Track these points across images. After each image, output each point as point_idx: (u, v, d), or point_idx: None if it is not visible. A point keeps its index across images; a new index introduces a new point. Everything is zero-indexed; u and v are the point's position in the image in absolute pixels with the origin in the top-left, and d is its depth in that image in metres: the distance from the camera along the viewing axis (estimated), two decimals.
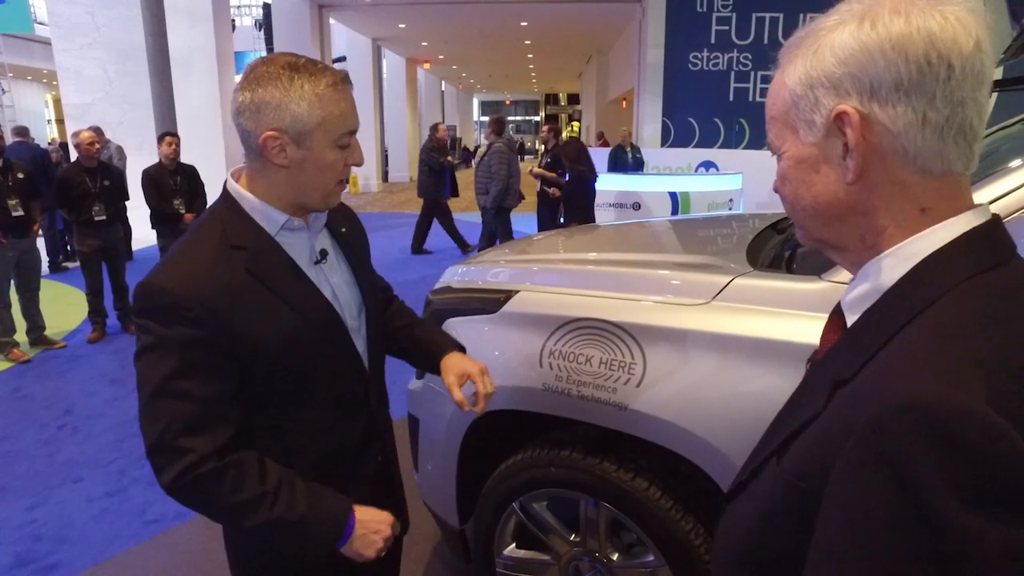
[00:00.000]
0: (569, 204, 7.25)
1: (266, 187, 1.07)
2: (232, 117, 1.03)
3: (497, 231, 7.34)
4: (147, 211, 5.39)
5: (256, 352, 1.03)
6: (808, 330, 1.37)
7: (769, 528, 0.63)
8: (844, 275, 1.39)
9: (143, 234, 7.52)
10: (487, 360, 1.79)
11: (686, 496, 1.58)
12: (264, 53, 14.18)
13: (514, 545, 1.91)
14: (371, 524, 1.10)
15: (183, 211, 5.41)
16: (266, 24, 13.13)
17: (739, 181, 8.90)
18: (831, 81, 0.60)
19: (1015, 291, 0.57)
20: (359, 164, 1.10)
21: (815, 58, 0.61)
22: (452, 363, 1.33)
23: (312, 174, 1.04)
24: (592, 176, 7.30)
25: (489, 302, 1.86)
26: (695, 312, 1.52)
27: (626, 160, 9.78)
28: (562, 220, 7.44)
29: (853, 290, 0.67)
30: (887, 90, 0.58)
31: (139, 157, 8.32)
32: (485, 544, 1.92)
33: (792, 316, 1.41)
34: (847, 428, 0.53)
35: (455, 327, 1.92)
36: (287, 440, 1.11)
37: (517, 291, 1.83)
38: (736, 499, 0.72)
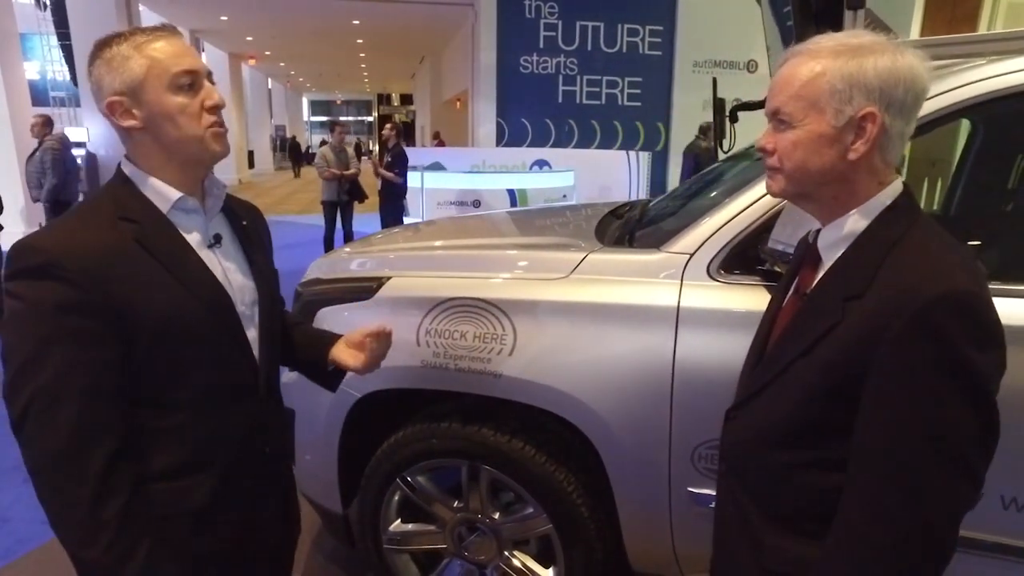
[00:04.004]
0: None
1: (146, 160, 1.06)
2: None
3: None
4: None
5: (138, 324, 0.99)
6: (653, 293, 1.62)
7: (813, 407, 0.91)
8: (678, 246, 1.65)
9: None
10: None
11: (556, 450, 1.77)
12: (53, 36, 12.58)
13: (399, 520, 1.99)
14: None
15: None
16: (55, 4, 11.64)
17: (571, 178, 9.52)
18: (867, 88, 0.86)
19: (938, 226, 0.92)
20: (220, 105, 1.06)
21: (859, 67, 0.87)
22: (340, 346, 1.36)
23: (167, 126, 1.02)
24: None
25: (362, 290, 1.93)
26: (556, 285, 1.71)
27: None
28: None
29: (828, 237, 0.96)
30: (896, 108, 0.87)
31: None
32: (371, 524, 1.98)
33: (639, 283, 1.65)
34: (888, 319, 0.82)
35: (328, 316, 1.96)
36: (163, 418, 1.06)
37: (389, 277, 1.91)
38: (749, 405, 1.02)
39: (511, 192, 8.95)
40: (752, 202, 1.59)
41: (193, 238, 1.10)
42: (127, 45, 1.00)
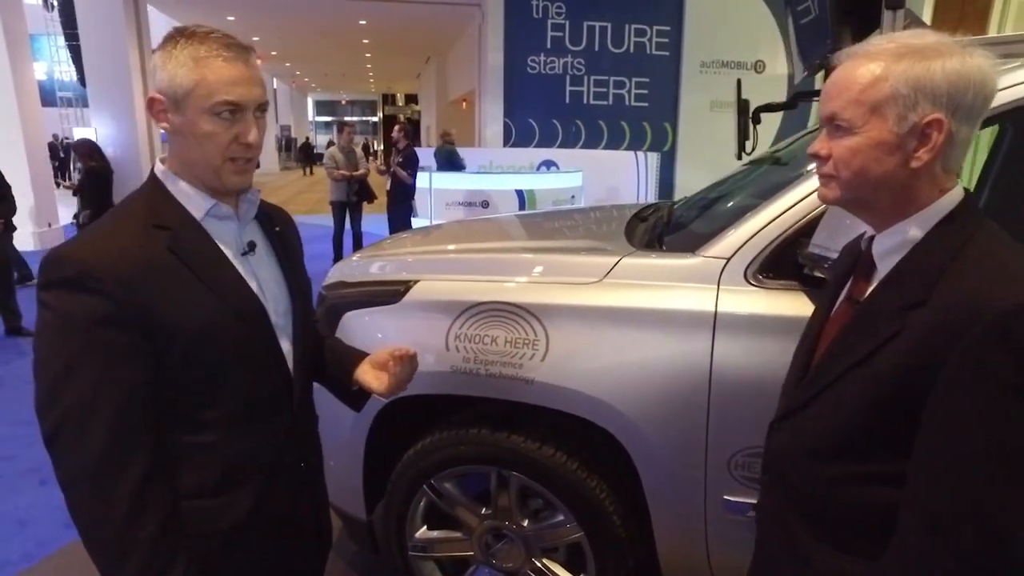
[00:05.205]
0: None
1: (175, 161, 1.04)
2: None
3: None
4: None
5: (171, 337, 0.97)
6: (690, 297, 1.59)
7: (867, 420, 0.87)
8: (714, 250, 1.63)
9: None
10: None
11: (588, 457, 1.74)
12: (60, 37, 12.62)
13: (425, 527, 1.97)
14: None
15: None
16: (63, 4, 11.67)
17: (579, 179, 9.49)
18: (934, 93, 0.82)
19: (1005, 233, 0.88)
20: (251, 144, 1.02)
21: (926, 71, 0.82)
22: (365, 366, 1.32)
23: (192, 144, 1.00)
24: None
25: (388, 293, 1.91)
26: (590, 289, 1.69)
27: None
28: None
29: (884, 244, 0.92)
30: (964, 113, 0.83)
31: None
32: (397, 530, 1.96)
33: (674, 287, 1.62)
34: (958, 329, 0.78)
35: (354, 320, 1.94)
36: (197, 435, 1.03)
37: (416, 281, 1.89)
38: (796, 417, 0.98)
39: (519, 193, 8.92)
40: (790, 205, 1.56)
41: (227, 246, 1.07)
42: (188, 52, 0.97)
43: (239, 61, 0.99)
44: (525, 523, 1.86)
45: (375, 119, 45.06)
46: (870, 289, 0.95)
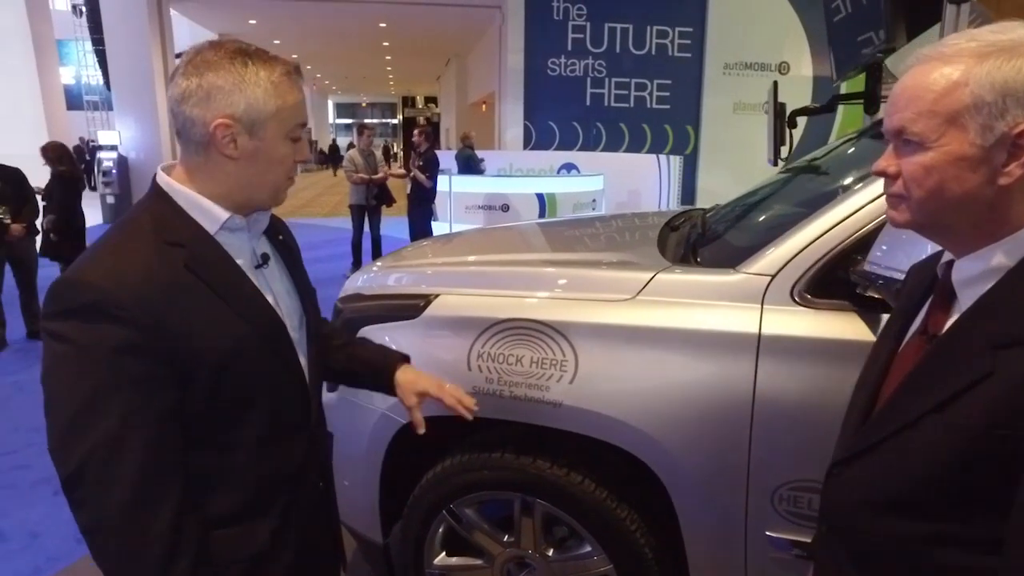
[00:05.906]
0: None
1: (207, 183, 0.97)
2: (172, 105, 0.94)
3: None
4: None
5: (197, 361, 0.91)
6: (731, 317, 1.48)
7: (946, 473, 0.75)
8: (758, 266, 1.51)
9: None
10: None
11: (619, 486, 1.63)
12: (88, 41, 12.83)
13: (444, 553, 1.87)
14: None
15: (7, 221, 4.76)
16: (90, 10, 11.84)
17: (601, 182, 9.36)
18: None
19: None
20: (306, 160, 1.05)
21: (1016, 72, 0.71)
22: (408, 381, 1.30)
23: (263, 167, 0.97)
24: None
25: (407, 308, 1.81)
26: (623, 307, 1.58)
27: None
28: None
29: (967, 271, 0.79)
30: None
31: None
32: (414, 556, 1.87)
33: (714, 306, 1.51)
34: None
35: (371, 336, 1.85)
36: (221, 460, 0.98)
37: (437, 295, 1.80)
38: (858, 463, 0.85)
39: (540, 196, 8.81)
40: (842, 218, 1.44)
41: (241, 259, 1.01)
42: (264, 75, 0.93)
43: (301, 80, 1.01)
44: (550, 552, 1.75)
45: (395, 121, 45.21)
46: (949, 322, 0.83)
